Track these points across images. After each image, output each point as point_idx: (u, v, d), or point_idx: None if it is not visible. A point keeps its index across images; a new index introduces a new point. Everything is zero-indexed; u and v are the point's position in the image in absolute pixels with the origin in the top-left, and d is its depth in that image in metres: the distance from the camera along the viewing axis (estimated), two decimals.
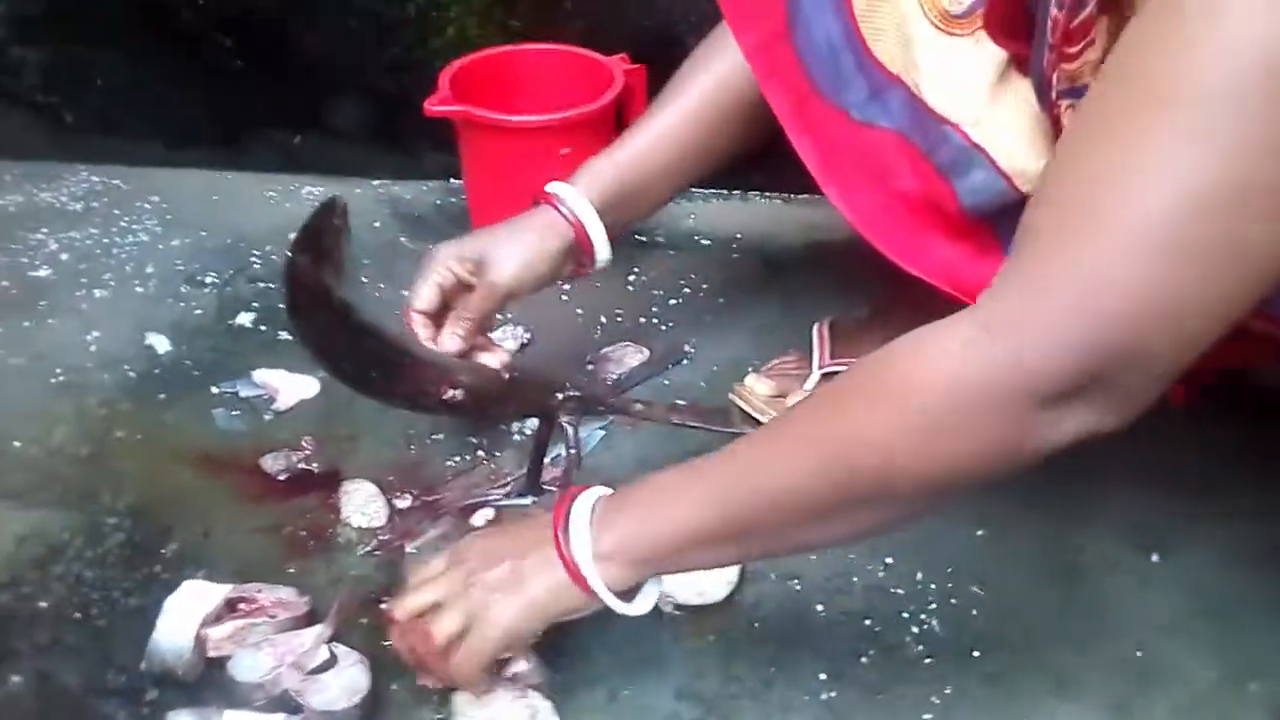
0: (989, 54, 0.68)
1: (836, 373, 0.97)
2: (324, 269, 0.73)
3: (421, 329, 0.86)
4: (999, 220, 0.73)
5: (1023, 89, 0.67)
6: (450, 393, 0.80)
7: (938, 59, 0.70)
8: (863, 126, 0.74)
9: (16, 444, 1.02)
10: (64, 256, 1.29)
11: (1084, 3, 0.56)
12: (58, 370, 1.11)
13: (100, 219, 1.36)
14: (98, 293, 1.23)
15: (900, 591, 0.88)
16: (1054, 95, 0.61)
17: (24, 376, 1.10)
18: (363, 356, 0.74)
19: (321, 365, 0.78)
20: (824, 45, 0.74)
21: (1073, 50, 0.58)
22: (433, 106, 1.12)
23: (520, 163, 1.15)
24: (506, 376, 0.83)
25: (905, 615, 0.86)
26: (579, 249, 0.90)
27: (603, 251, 0.90)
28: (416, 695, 0.79)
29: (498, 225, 0.91)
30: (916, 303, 0.97)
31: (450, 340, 0.86)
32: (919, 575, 0.89)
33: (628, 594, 0.71)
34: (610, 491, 0.72)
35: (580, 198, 0.89)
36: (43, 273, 1.26)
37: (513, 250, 0.88)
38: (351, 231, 0.77)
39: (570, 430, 0.86)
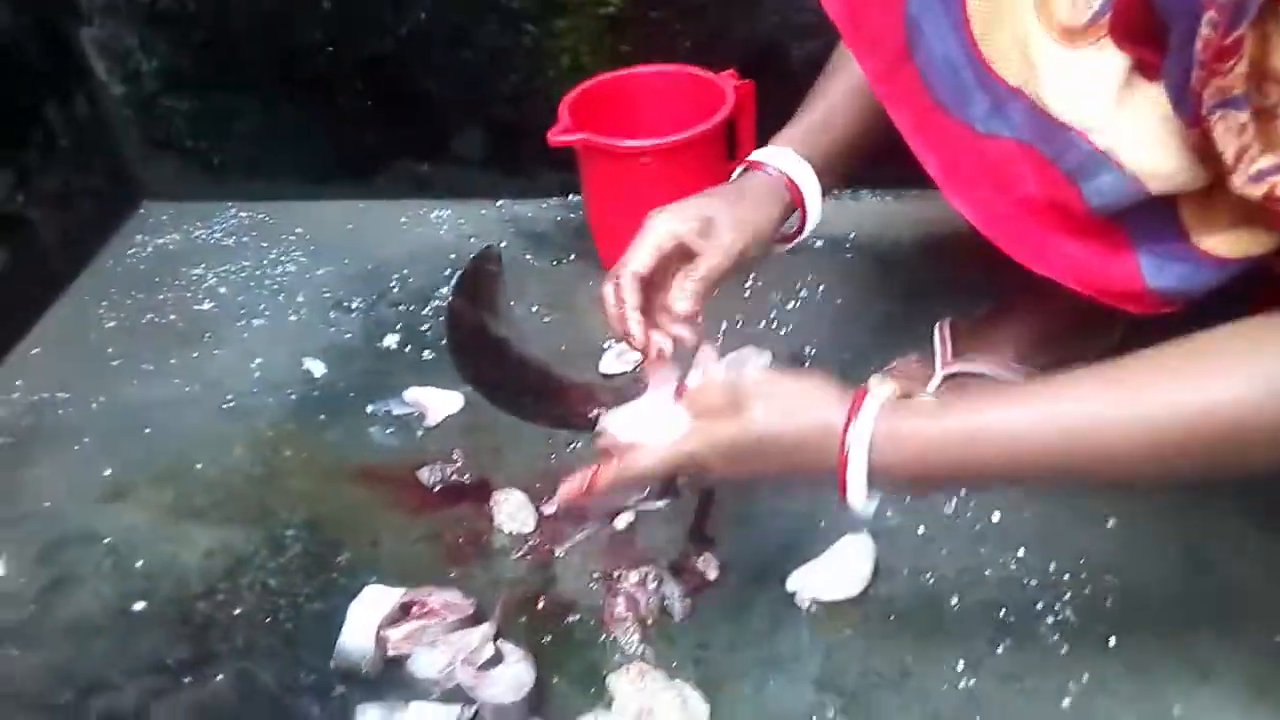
0: (1111, 60, 0.70)
1: (959, 374, 1.00)
2: (481, 309, 0.80)
3: (631, 294, 0.84)
4: (1127, 217, 0.74)
5: (1150, 93, 0.68)
6: (595, 412, 0.86)
7: (1059, 68, 0.71)
8: (986, 138, 0.76)
9: (198, 466, 1.12)
10: (222, 290, 1.41)
11: (1237, 22, 0.56)
12: (228, 396, 1.22)
13: (252, 252, 1.47)
14: (256, 322, 1.34)
15: (1033, 582, 0.90)
16: (1204, 110, 0.61)
17: (198, 403, 1.21)
18: (517, 385, 0.80)
19: (481, 394, 0.85)
20: (944, 63, 0.76)
21: (1224, 66, 0.59)
22: (555, 137, 1.19)
23: (640, 183, 1.20)
24: None
25: (1040, 606, 0.88)
26: (795, 210, 0.91)
27: (815, 212, 0.91)
28: (577, 687, 0.86)
29: (710, 191, 0.89)
30: (1039, 299, 1.00)
31: (682, 299, 0.84)
32: (1051, 566, 0.91)
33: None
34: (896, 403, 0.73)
35: (793, 156, 0.90)
36: (205, 306, 1.38)
37: (738, 213, 0.86)
38: (505, 275, 0.84)
39: None
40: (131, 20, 1.43)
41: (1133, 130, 0.69)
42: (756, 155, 0.92)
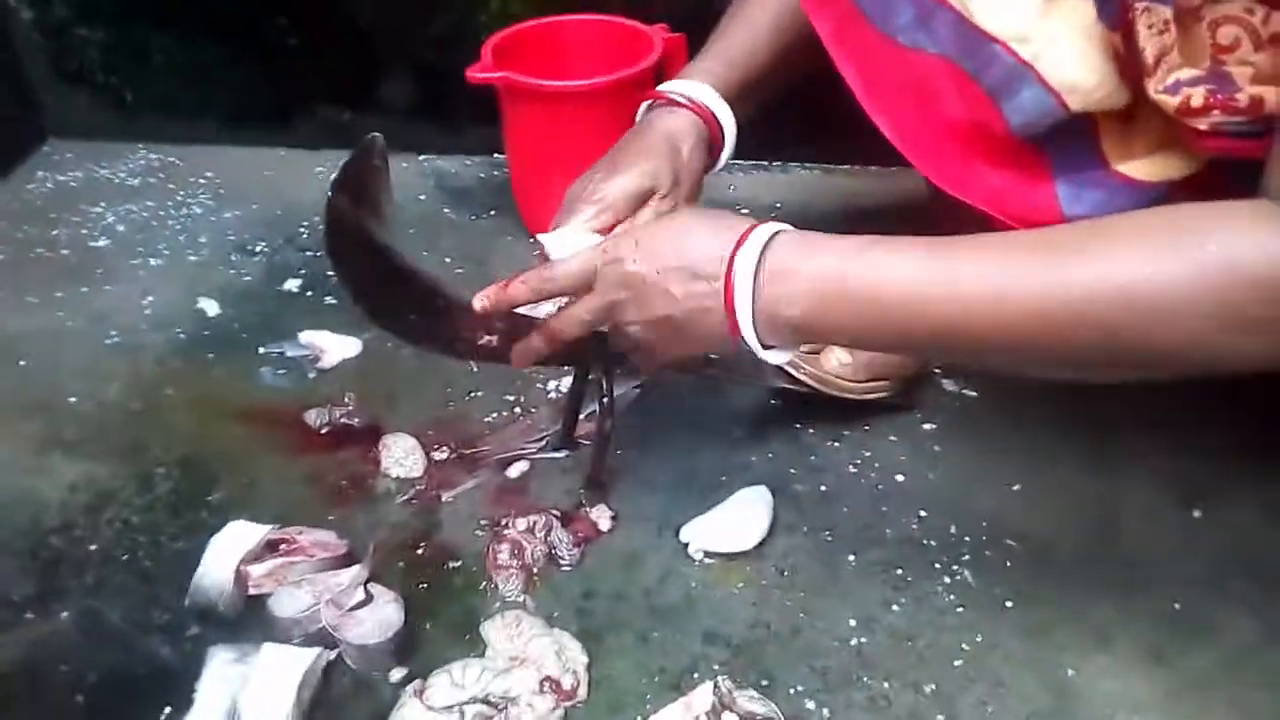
0: None
1: None
2: (363, 210, 0.74)
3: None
4: (1048, 143, 0.72)
5: (1074, 2, 0.66)
6: (486, 338, 0.81)
7: None
8: (909, 51, 0.73)
9: (72, 399, 1.05)
10: (121, 228, 1.34)
11: None
12: (113, 332, 1.15)
13: (156, 194, 1.41)
14: (153, 261, 1.27)
15: (933, 543, 0.87)
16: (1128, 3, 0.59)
17: (81, 337, 1.14)
18: (401, 299, 0.75)
19: (360, 307, 0.79)
20: None
21: None
22: (475, 74, 1.14)
23: (562, 130, 1.16)
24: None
25: (937, 566, 0.85)
26: (710, 142, 0.89)
27: (730, 148, 0.90)
28: (449, 633, 0.81)
29: (636, 143, 0.87)
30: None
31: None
32: (952, 529, 0.88)
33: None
34: (790, 235, 0.71)
35: (710, 92, 0.88)
36: (101, 243, 1.31)
37: (675, 167, 0.86)
38: (390, 172, 0.78)
39: (602, 380, 0.86)
40: None
41: (1056, 40, 0.67)
42: (674, 88, 0.89)
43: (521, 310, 0.81)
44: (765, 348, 0.72)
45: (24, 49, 1.45)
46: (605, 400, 0.87)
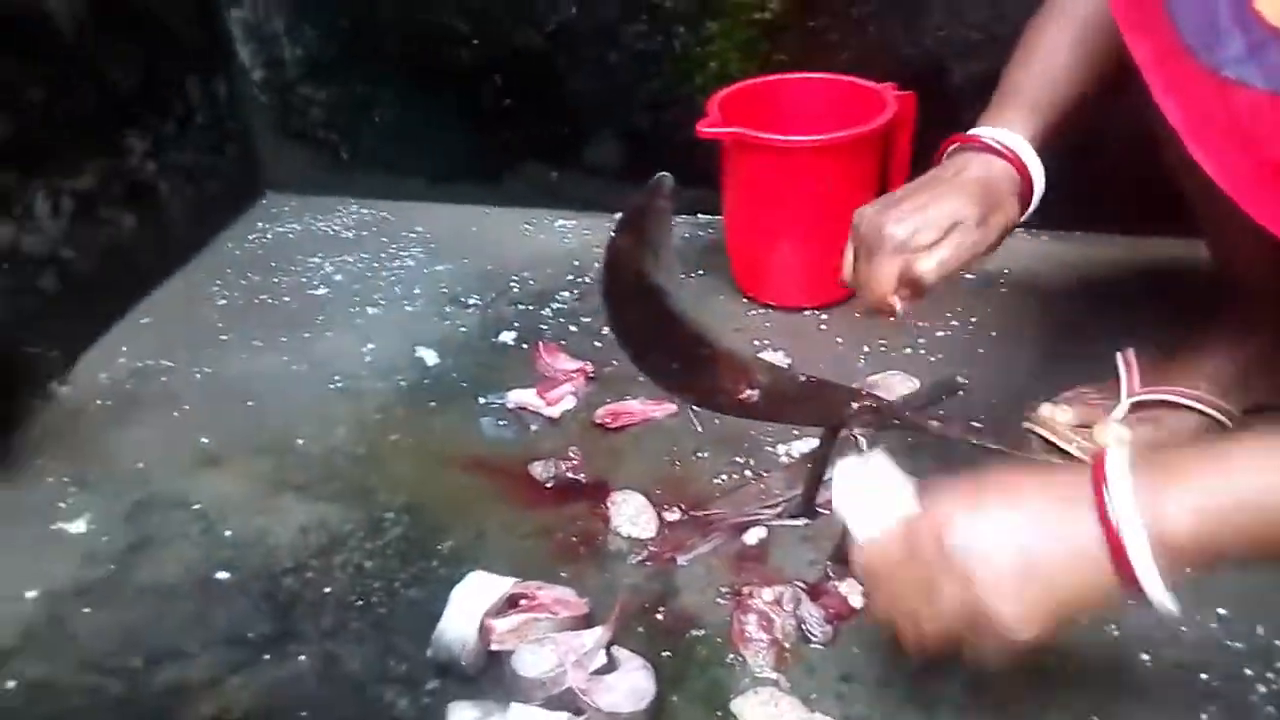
0: None
1: (1149, 401, 0.89)
2: (644, 251, 0.72)
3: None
4: None
5: None
6: (747, 392, 0.77)
7: None
8: (1234, 86, 0.67)
9: (300, 441, 1.06)
10: (338, 278, 1.36)
11: None
12: (336, 377, 1.16)
13: (370, 246, 1.44)
14: (370, 310, 1.29)
15: (1239, 646, 0.77)
16: None
17: (305, 382, 1.16)
18: (668, 347, 0.72)
19: (626, 351, 0.76)
20: None
21: None
22: (705, 129, 1.12)
23: (791, 186, 1.13)
24: (803, 380, 0.79)
25: (1249, 672, 0.75)
26: (1020, 187, 0.81)
27: (1038, 194, 0.82)
28: (698, 706, 0.75)
29: (928, 182, 0.80)
30: (1244, 328, 0.89)
31: (929, 263, 0.75)
32: (1259, 630, 0.78)
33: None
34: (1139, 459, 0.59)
35: (1015, 136, 0.81)
36: (320, 291, 1.34)
37: (983, 211, 0.78)
38: (671, 215, 0.76)
39: (864, 443, 0.81)
40: (279, 5, 1.43)
41: None
42: (992, 134, 0.82)
43: None
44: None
45: (252, 107, 1.52)
46: None
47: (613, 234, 0.72)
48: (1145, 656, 0.77)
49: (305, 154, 1.55)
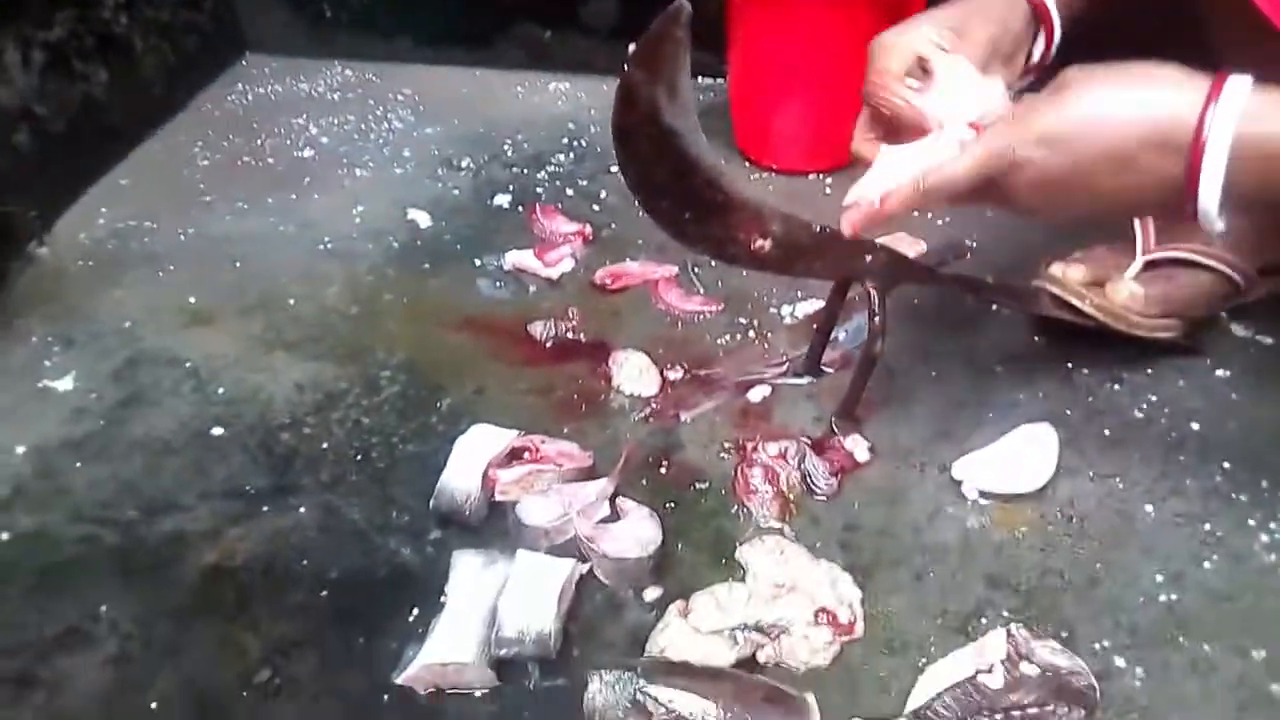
0: None
1: (1163, 260, 0.87)
2: (658, 87, 0.68)
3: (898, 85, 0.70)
4: None
5: None
6: (760, 242, 0.74)
7: None
8: None
9: (291, 301, 1.03)
10: (325, 140, 1.31)
11: None
12: (326, 238, 1.12)
13: (357, 108, 1.38)
14: (359, 172, 1.24)
15: (1242, 498, 0.77)
16: None
17: (294, 242, 1.12)
18: (681, 192, 0.68)
19: (636, 196, 0.73)
20: None
21: None
22: None
23: (798, 41, 1.08)
24: (818, 230, 0.77)
25: (1251, 523, 0.75)
26: (1036, 28, 0.76)
27: (1059, 29, 0.76)
28: (704, 555, 0.75)
29: (941, 7, 0.75)
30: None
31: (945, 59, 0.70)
32: (1263, 483, 0.78)
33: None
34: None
35: None
36: (306, 154, 1.29)
37: (984, 21, 0.73)
38: (689, 48, 0.72)
39: (875, 296, 0.79)
40: None
41: None
42: None
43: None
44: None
45: None
46: (877, 319, 0.79)
47: (625, 67, 0.68)
48: (1149, 508, 0.77)
49: (286, 13, 1.48)
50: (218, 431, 0.88)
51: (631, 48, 0.69)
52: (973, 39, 0.72)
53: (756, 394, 0.89)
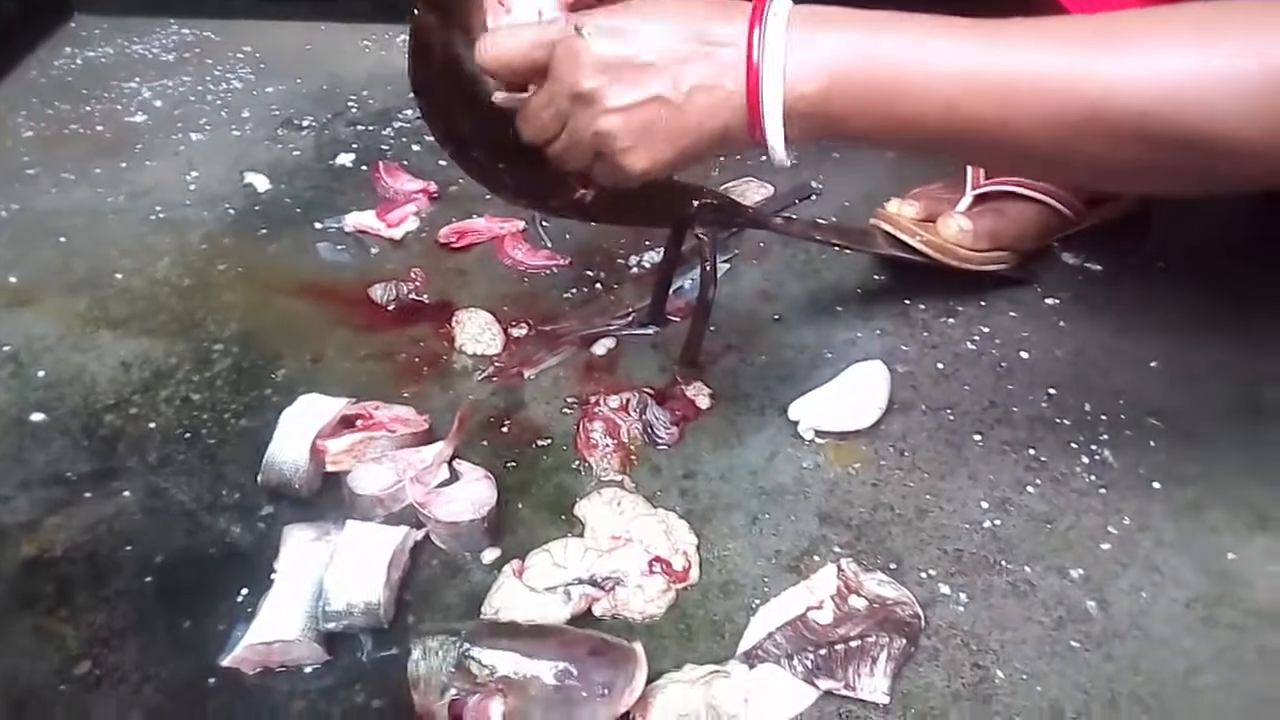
0: None
1: (993, 193, 0.88)
2: (454, 31, 0.65)
3: None
4: None
5: None
6: (581, 192, 0.73)
7: None
8: None
9: (118, 276, 0.98)
10: (158, 104, 1.25)
11: None
12: (157, 208, 1.07)
13: (193, 68, 1.32)
14: (194, 136, 1.19)
15: (1066, 422, 0.79)
16: None
17: (123, 214, 1.07)
18: (492, 144, 0.66)
19: (445, 149, 0.71)
20: None
21: None
22: None
23: None
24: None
25: (1074, 446, 0.78)
26: None
27: None
28: (543, 513, 0.74)
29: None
30: None
31: None
32: (1087, 407, 0.80)
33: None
34: (809, 6, 0.57)
35: None
36: (138, 118, 1.22)
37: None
38: None
39: (707, 244, 0.78)
40: None
41: None
42: None
43: None
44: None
45: None
46: (708, 266, 0.79)
47: (414, 12, 0.65)
48: (978, 438, 0.79)
49: None
50: (37, 417, 0.84)
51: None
52: None
53: (601, 347, 0.88)
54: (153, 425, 0.83)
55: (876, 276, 0.94)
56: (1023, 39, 0.54)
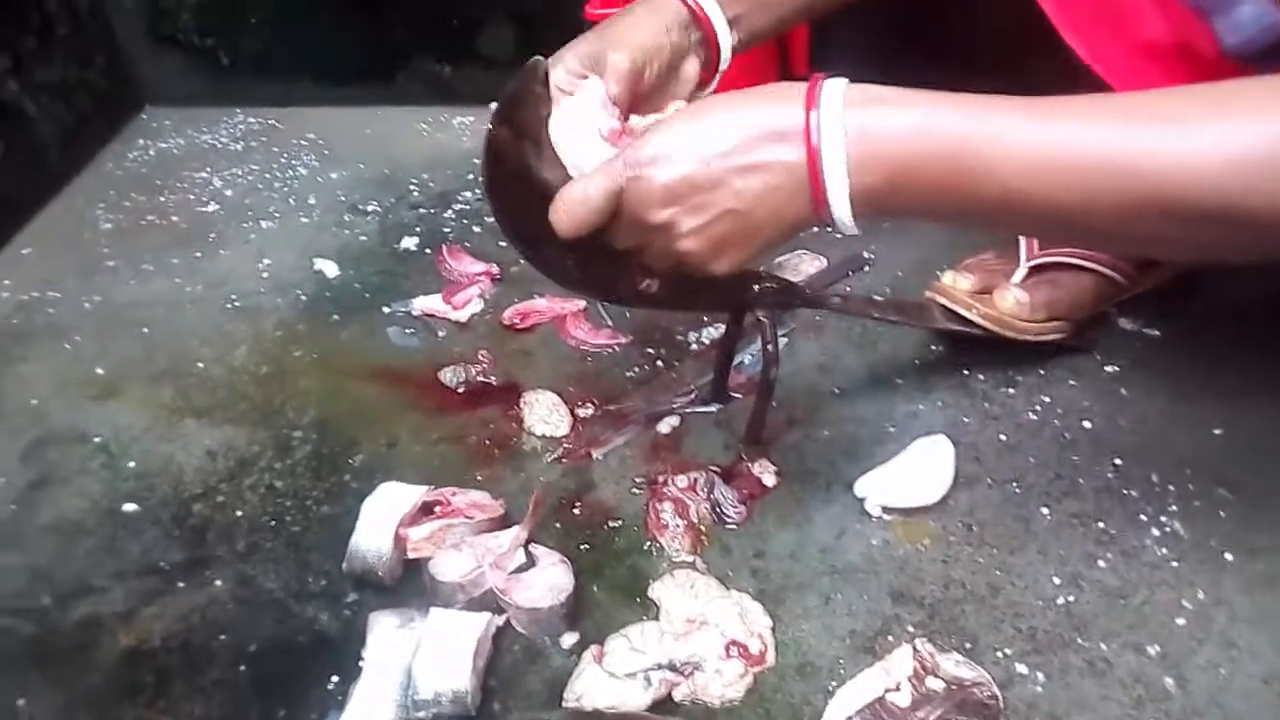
0: None
1: (1047, 264, 0.90)
2: (525, 142, 0.69)
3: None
4: (1260, 63, 0.64)
5: None
6: (646, 282, 0.75)
7: None
8: None
9: (199, 364, 1.02)
10: (229, 193, 1.31)
11: None
12: (233, 296, 1.12)
13: (260, 157, 1.38)
14: (264, 224, 1.24)
15: (1134, 493, 0.80)
16: None
17: (201, 303, 1.11)
18: (560, 241, 0.69)
19: (516, 249, 0.74)
20: None
21: None
22: (594, 10, 1.08)
23: None
24: None
25: (1143, 518, 0.78)
26: (700, 35, 0.78)
27: (725, 38, 0.78)
28: (618, 596, 0.76)
29: (596, 27, 0.78)
30: None
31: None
32: (1154, 477, 0.81)
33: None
34: (864, 88, 0.59)
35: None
36: (210, 208, 1.28)
37: (625, 29, 0.75)
38: (550, 100, 0.73)
39: (767, 325, 0.80)
40: None
41: None
42: None
43: None
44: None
45: (116, 15, 1.43)
46: (770, 347, 0.81)
47: (489, 127, 0.69)
48: (1045, 511, 0.79)
49: (182, 62, 1.46)
50: (130, 508, 0.88)
51: (494, 105, 0.70)
52: (613, 65, 0.73)
53: (666, 425, 0.90)
54: (239, 513, 0.86)
55: (933, 347, 0.95)
56: (1080, 119, 0.56)
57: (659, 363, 0.98)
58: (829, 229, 0.62)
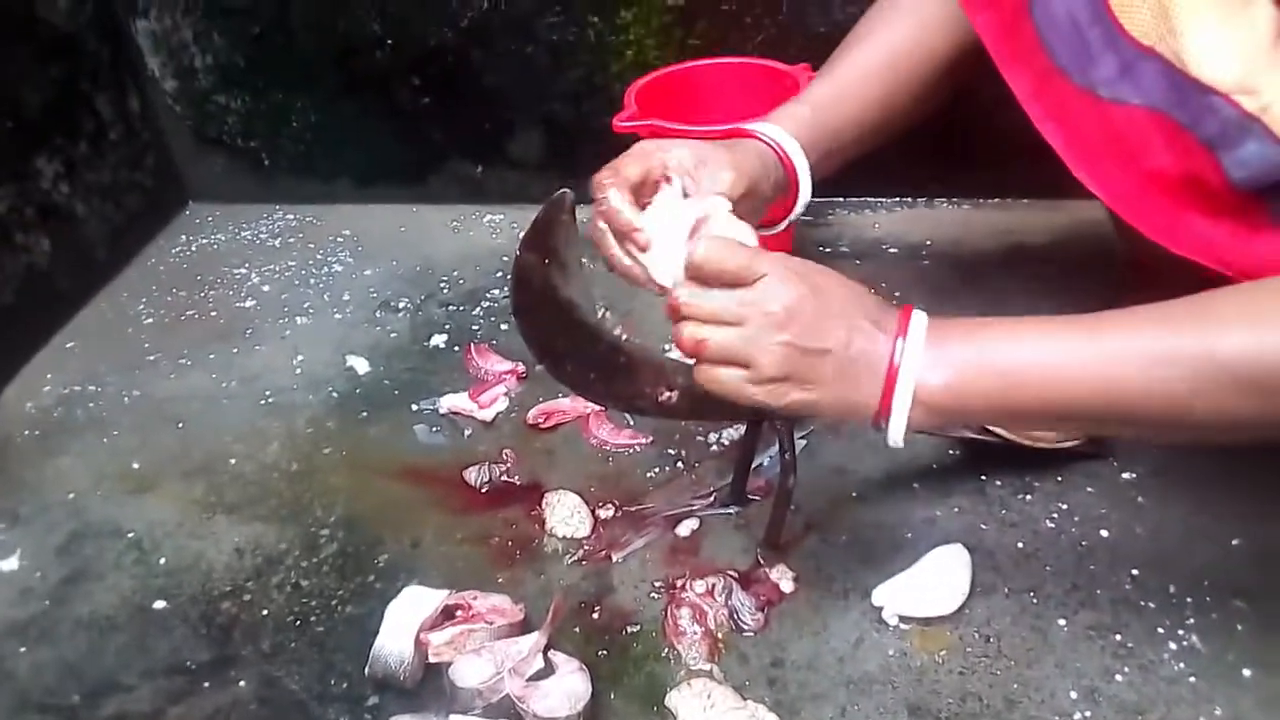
0: (1263, 14, 0.63)
1: None
2: (551, 267, 0.72)
3: (622, 201, 0.74)
4: (1271, 194, 0.66)
5: None
6: (666, 394, 0.77)
7: (1202, 23, 0.64)
8: (1111, 105, 0.69)
9: (232, 461, 1.05)
10: (266, 289, 1.35)
11: None
12: (267, 392, 1.15)
13: (297, 253, 1.42)
14: (299, 320, 1.28)
15: (1151, 605, 0.80)
16: None
17: (236, 399, 1.15)
18: (583, 358, 0.72)
19: (542, 364, 0.77)
20: (1066, 21, 0.69)
21: None
22: (621, 124, 1.12)
23: None
24: None
25: (1160, 630, 0.78)
26: (785, 181, 0.84)
27: (806, 187, 0.85)
28: (635, 704, 0.77)
29: (698, 141, 0.81)
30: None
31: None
32: (1171, 589, 0.81)
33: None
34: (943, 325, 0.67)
35: (783, 131, 0.84)
36: (248, 304, 1.32)
37: (732, 157, 0.79)
38: (579, 226, 0.76)
39: (784, 433, 0.82)
40: (187, 14, 1.40)
41: None
42: (750, 125, 0.86)
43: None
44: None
45: (166, 119, 1.50)
46: (787, 455, 0.83)
47: (518, 251, 0.72)
48: (1062, 622, 0.79)
49: (225, 162, 1.52)
50: (159, 605, 0.90)
51: (521, 234, 0.73)
52: (732, 184, 0.77)
53: (685, 528, 0.92)
54: (265, 612, 0.88)
55: (951, 452, 0.96)
56: (1119, 328, 0.63)
57: (679, 463, 0.99)
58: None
